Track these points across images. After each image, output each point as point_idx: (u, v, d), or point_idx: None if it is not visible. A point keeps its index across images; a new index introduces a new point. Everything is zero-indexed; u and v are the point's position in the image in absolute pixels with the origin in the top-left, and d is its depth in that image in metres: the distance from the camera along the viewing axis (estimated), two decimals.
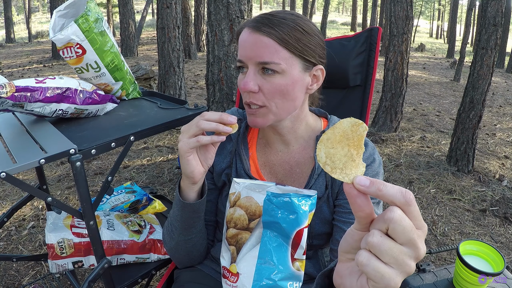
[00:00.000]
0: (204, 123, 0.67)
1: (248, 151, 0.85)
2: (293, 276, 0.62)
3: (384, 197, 0.36)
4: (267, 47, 0.67)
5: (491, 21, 2.76)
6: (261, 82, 0.70)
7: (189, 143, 0.67)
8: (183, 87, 4.46)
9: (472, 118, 2.94)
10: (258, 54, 0.68)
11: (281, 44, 0.68)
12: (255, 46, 0.68)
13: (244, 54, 0.71)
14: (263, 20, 0.69)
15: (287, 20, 0.69)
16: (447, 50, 13.76)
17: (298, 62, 0.70)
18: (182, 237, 0.81)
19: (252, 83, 0.69)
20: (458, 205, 2.56)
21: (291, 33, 0.68)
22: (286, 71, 0.69)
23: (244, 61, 0.71)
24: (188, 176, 0.71)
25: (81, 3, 1.06)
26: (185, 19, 8.49)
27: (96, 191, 2.60)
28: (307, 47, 0.70)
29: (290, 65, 0.69)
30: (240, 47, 0.72)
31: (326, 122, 0.84)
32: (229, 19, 2.38)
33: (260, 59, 0.68)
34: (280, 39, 0.67)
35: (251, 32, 0.69)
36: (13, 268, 1.81)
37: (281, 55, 0.68)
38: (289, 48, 0.68)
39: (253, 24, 0.70)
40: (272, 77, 0.69)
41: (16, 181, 0.73)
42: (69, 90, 0.93)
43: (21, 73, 7.54)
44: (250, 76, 0.70)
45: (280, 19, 0.68)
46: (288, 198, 0.61)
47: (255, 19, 0.70)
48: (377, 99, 4.74)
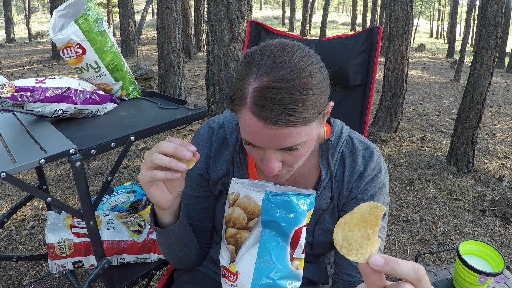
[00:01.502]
0: (157, 157, 0.60)
1: (246, 159, 0.80)
2: (292, 275, 0.62)
3: (398, 274, 0.38)
4: (289, 136, 0.57)
5: (491, 21, 2.76)
6: (283, 157, 0.63)
7: (145, 177, 0.62)
8: (183, 87, 4.46)
9: (472, 118, 2.94)
10: (278, 144, 0.59)
11: (302, 125, 0.57)
12: (273, 138, 0.58)
13: (258, 142, 0.60)
14: (272, 106, 0.54)
15: (299, 91, 0.55)
16: (447, 50, 13.76)
17: (315, 121, 0.61)
18: (167, 251, 0.80)
19: (277, 165, 0.62)
20: (458, 205, 2.56)
21: (309, 106, 0.56)
22: (308, 139, 0.61)
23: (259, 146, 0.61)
24: (155, 205, 0.69)
25: (81, 3, 1.06)
26: (185, 19, 8.49)
27: (96, 191, 2.60)
28: (320, 103, 0.59)
29: (310, 131, 0.60)
30: (248, 134, 0.60)
31: (329, 128, 0.79)
32: (229, 19, 2.38)
33: (283, 147, 0.59)
34: (301, 121, 0.56)
35: (264, 127, 0.56)
36: (13, 268, 1.82)
37: (303, 133, 0.58)
38: (308, 122, 0.58)
39: (262, 113, 0.55)
40: (295, 151, 0.62)
41: (16, 181, 0.73)
42: (69, 90, 0.93)
43: (21, 73, 7.54)
44: (272, 160, 0.62)
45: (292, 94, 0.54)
46: (286, 197, 0.61)
47: (259, 104, 0.55)
48: (377, 99, 4.74)
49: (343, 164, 0.76)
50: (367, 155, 0.75)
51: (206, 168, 0.82)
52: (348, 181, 0.75)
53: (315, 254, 0.83)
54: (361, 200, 0.75)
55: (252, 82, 0.56)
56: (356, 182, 0.75)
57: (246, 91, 0.57)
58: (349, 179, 0.75)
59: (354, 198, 0.76)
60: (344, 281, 0.76)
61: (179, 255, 0.82)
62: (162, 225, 0.74)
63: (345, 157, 0.76)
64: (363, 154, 0.76)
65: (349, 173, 0.75)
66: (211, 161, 0.82)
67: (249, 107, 0.56)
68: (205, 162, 0.82)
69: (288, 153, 0.62)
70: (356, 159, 0.75)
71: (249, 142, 0.62)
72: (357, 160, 0.75)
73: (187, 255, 0.84)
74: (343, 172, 0.76)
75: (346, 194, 0.76)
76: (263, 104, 0.55)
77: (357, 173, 0.75)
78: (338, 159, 0.76)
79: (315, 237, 0.78)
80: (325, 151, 0.75)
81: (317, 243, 0.79)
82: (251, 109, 0.56)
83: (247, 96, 0.56)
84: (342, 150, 0.76)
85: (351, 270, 0.76)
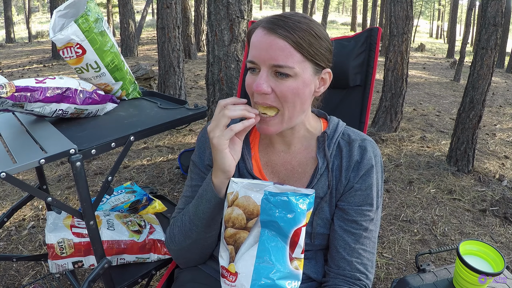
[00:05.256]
0: (231, 110, 0.69)
1: (250, 151, 0.85)
2: (291, 275, 0.63)
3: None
4: (283, 50, 0.67)
5: (491, 21, 2.76)
6: (273, 84, 0.70)
7: (225, 135, 0.69)
8: (183, 87, 4.46)
9: (472, 118, 2.94)
10: (272, 57, 0.67)
11: (296, 48, 0.67)
12: (270, 48, 0.67)
13: (257, 55, 0.69)
14: (278, 22, 0.68)
15: (302, 24, 0.68)
16: (447, 50, 13.75)
17: (310, 66, 0.71)
18: (203, 235, 0.81)
19: (265, 84, 0.69)
20: (458, 205, 2.56)
21: (306, 37, 0.68)
22: (299, 74, 0.69)
23: (257, 62, 0.70)
24: (225, 171, 0.73)
25: (81, 3, 1.06)
26: (185, 19, 8.49)
27: (96, 191, 2.61)
28: (318, 51, 0.70)
29: (303, 69, 0.69)
30: (252, 48, 0.71)
31: (326, 123, 0.85)
32: (229, 19, 2.38)
33: (275, 62, 0.68)
34: (295, 43, 0.67)
35: (266, 34, 0.68)
36: (13, 268, 1.82)
37: (295, 59, 0.68)
38: (303, 52, 0.68)
39: (268, 25, 0.68)
40: (285, 80, 0.69)
41: (16, 181, 0.73)
42: (69, 90, 0.93)
43: (21, 73, 7.54)
44: (263, 78, 0.69)
45: (295, 22, 0.68)
46: (285, 197, 0.61)
47: (270, 20, 0.69)
48: (377, 99, 4.74)
49: (340, 154, 0.80)
50: (363, 145, 0.79)
51: None
52: (346, 170, 0.78)
53: (314, 248, 0.84)
54: (358, 190, 0.78)
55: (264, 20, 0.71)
56: (354, 171, 0.78)
57: (263, 20, 0.71)
58: (347, 168, 0.78)
59: (351, 188, 0.78)
60: (334, 273, 0.80)
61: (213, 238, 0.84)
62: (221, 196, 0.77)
63: (342, 147, 0.80)
64: (360, 144, 0.79)
65: (346, 163, 0.79)
66: None
67: (261, 25, 0.70)
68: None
69: (278, 81, 0.69)
70: (353, 149, 0.79)
71: (250, 60, 0.71)
72: (354, 149, 0.79)
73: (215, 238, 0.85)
74: (341, 162, 0.79)
75: (345, 182, 0.78)
76: (272, 21, 0.69)
77: (353, 162, 0.78)
78: (335, 150, 0.80)
79: (314, 227, 0.80)
80: (322, 143, 0.80)
81: (316, 234, 0.81)
82: (262, 26, 0.70)
83: (262, 21, 0.71)
84: (339, 141, 0.81)
85: (342, 262, 0.79)
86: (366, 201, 0.78)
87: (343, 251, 0.78)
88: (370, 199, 0.78)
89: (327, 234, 0.82)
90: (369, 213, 0.78)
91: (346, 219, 0.79)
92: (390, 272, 1.89)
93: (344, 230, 0.79)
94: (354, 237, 0.78)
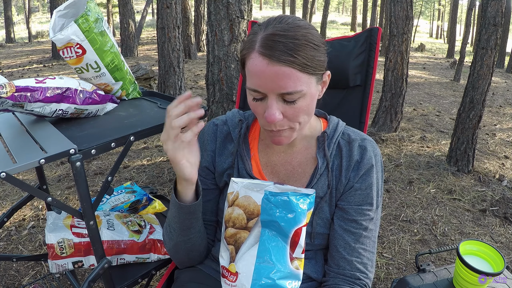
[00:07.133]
0: (177, 121, 0.66)
1: (249, 152, 0.85)
2: (292, 275, 0.63)
3: None
4: (290, 78, 0.65)
5: (491, 21, 2.76)
6: (283, 109, 0.68)
7: (177, 147, 0.67)
8: (183, 87, 4.46)
9: (472, 118, 2.94)
10: (281, 86, 0.65)
11: (301, 70, 0.65)
12: (276, 78, 0.65)
13: (263, 85, 0.66)
14: (277, 46, 0.63)
15: (300, 39, 0.65)
16: (447, 50, 13.74)
17: (314, 78, 0.70)
18: (181, 238, 0.81)
19: (277, 113, 0.67)
20: (458, 205, 2.56)
21: (308, 54, 0.65)
22: (307, 92, 0.68)
23: (263, 91, 0.68)
24: (186, 179, 0.72)
25: (81, 3, 1.06)
26: (185, 19, 8.49)
27: (96, 191, 2.60)
28: (319, 61, 0.69)
29: (309, 85, 0.68)
30: (254, 76, 0.67)
31: (326, 122, 0.85)
32: (229, 19, 2.38)
33: (284, 90, 0.66)
34: (301, 66, 0.65)
35: (269, 63, 0.64)
36: (13, 268, 1.82)
37: (303, 81, 0.66)
38: (308, 71, 0.66)
39: (267, 51, 0.64)
40: (295, 103, 0.68)
41: (16, 181, 0.73)
42: (69, 90, 0.93)
43: (21, 73, 7.54)
44: (274, 107, 0.67)
45: (294, 40, 0.64)
46: (286, 197, 0.61)
47: (266, 44, 0.65)
48: (377, 99, 4.74)
49: (340, 154, 0.80)
50: (363, 144, 0.79)
51: (212, 161, 0.88)
52: (346, 170, 0.78)
53: (314, 248, 0.84)
54: (358, 190, 0.78)
55: (260, 34, 0.66)
56: (354, 171, 0.78)
57: (255, 39, 0.66)
58: (347, 168, 0.78)
59: (351, 188, 0.78)
60: (334, 273, 0.80)
61: (193, 242, 0.83)
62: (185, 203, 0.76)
63: (342, 147, 0.80)
64: (360, 144, 0.79)
65: (346, 162, 0.79)
66: (216, 154, 0.87)
67: (257, 49, 0.65)
68: (210, 156, 0.87)
69: (289, 105, 0.68)
70: (353, 149, 0.79)
71: (254, 89, 0.68)
72: (354, 149, 0.79)
73: (199, 241, 0.85)
74: (341, 162, 0.79)
75: (345, 182, 0.78)
76: (269, 45, 0.64)
77: (353, 162, 0.78)
78: (335, 150, 0.80)
79: (313, 227, 0.80)
80: (322, 142, 0.80)
81: (315, 233, 0.81)
82: (259, 51, 0.65)
83: (256, 43, 0.66)
84: (339, 141, 0.81)
85: (342, 262, 0.78)
86: (366, 200, 0.78)
87: (343, 250, 0.78)
88: (370, 198, 0.78)
89: (327, 233, 0.82)
90: (369, 213, 0.79)
91: (346, 219, 0.79)
92: (390, 272, 1.89)
93: (344, 229, 0.79)
94: (354, 237, 0.78)
